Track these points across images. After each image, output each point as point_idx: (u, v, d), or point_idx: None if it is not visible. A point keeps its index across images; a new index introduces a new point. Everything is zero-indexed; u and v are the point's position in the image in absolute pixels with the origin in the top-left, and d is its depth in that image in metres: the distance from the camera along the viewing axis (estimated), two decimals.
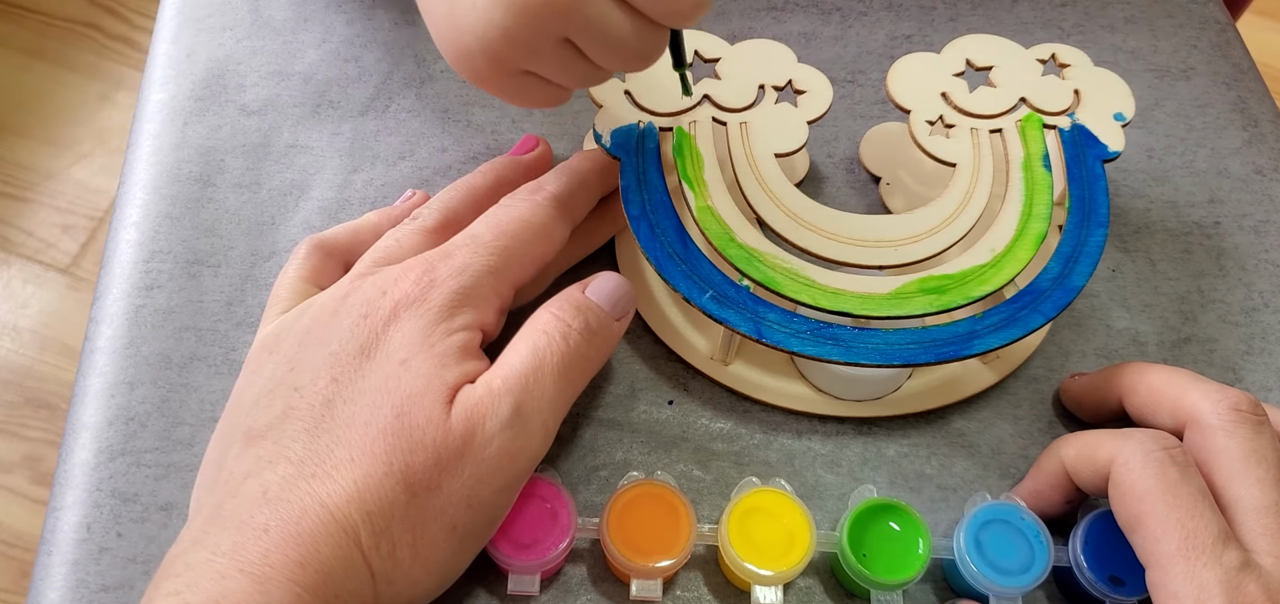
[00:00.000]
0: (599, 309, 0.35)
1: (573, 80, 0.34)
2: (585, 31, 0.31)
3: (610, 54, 0.32)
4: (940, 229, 0.39)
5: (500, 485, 0.31)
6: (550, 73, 0.33)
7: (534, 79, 0.33)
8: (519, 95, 0.34)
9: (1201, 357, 0.41)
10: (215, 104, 0.46)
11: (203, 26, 0.49)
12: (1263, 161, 0.47)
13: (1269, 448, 0.32)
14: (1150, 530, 0.31)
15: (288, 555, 0.28)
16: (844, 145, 0.47)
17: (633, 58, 0.33)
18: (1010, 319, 0.37)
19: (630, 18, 0.31)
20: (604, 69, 0.34)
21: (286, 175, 0.44)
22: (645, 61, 0.33)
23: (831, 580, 0.36)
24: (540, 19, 0.31)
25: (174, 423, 0.38)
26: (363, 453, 0.30)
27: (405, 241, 0.36)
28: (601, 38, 0.32)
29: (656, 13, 0.31)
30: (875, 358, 0.36)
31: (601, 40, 0.32)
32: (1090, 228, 0.38)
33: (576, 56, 0.33)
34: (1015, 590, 0.33)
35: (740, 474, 0.38)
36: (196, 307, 0.41)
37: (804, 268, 0.37)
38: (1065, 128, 0.41)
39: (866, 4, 0.52)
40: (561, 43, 0.32)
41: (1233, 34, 0.52)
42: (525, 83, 0.33)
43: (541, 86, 0.34)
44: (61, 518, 0.36)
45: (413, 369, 0.31)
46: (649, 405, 0.39)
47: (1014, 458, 0.39)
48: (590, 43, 0.32)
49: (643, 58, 0.33)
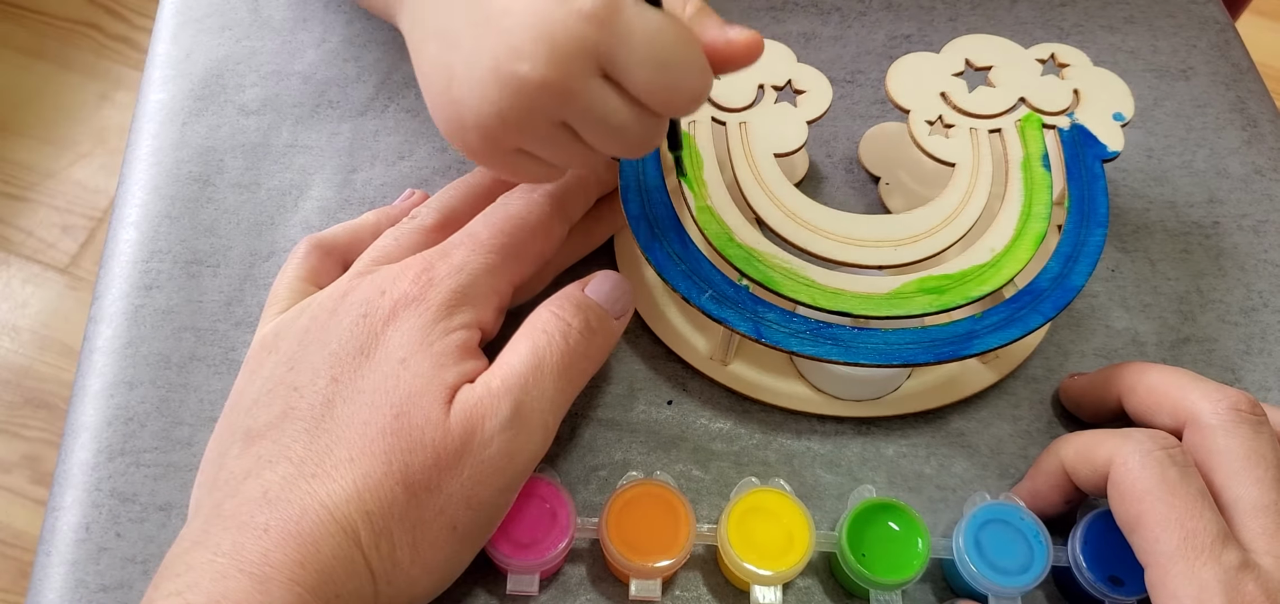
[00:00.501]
0: (599, 308, 0.35)
1: (568, 162, 0.33)
2: (583, 117, 0.31)
3: (607, 140, 0.32)
4: (939, 229, 0.39)
5: (500, 486, 0.31)
6: (545, 154, 0.32)
7: (528, 157, 0.33)
8: (512, 172, 0.34)
9: (1201, 356, 0.41)
10: (214, 104, 0.46)
11: (202, 26, 0.49)
12: (1262, 161, 0.47)
13: (1268, 448, 0.32)
14: (1149, 530, 0.31)
15: (288, 555, 0.28)
16: (843, 145, 0.47)
17: (630, 145, 0.32)
18: (1009, 319, 0.37)
19: (629, 106, 0.31)
20: (599, 154, 0.33)
21: (285, 175, 0.44)
22: (643, 149, 0.33)
23: (831, 580, 0.36)
24: (537, 102, 0.30)
25: (173, 423, 0.38)
26: (362, 453, 0.30)
27: (404, 241, 0.36)
28: (599, 125, 0.31)
29: (657, 104, 0.31)
30: (875, 358, 0.36)
31: (599, 127, 0.31)
32: (1089, 227, 0.38)
33: (572, 139, 0.32)
34: (1014, 590, 0.33)
35: (739, 474, 0.38)
36: (195, 306, 0.41)
37: (803, 268, 0.37)
38: (1064, 128, 0.41)
39: (866, 4, 0.52)
40: (558, 126, 0.31)
41: (1232, 34, 0.52)
42: (519, 161, 0.33)
43: (536, 165, 0.33)
44: (61, 518, 0.36)
45: (412, 369, 0.31)
46: (648, 405, 0.39)
47: (1013, 458, 0.39)
48: (587, 128, 0.31)
49: (641, 145, 0.32)
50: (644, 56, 0.30)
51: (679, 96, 0.31)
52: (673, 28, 0.30)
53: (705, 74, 0.31)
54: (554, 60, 0.29)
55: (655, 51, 0.30)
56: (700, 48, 0.31)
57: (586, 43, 0.29)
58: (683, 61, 0.30)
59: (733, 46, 0.32)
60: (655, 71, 0.30)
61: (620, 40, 0.29)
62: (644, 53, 0.30)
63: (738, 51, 0.32)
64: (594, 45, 0.29)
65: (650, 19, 0.30)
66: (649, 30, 0.29)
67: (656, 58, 0.30)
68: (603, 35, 0.29)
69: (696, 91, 0.31)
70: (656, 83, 0.30)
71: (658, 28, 0.30)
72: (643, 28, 0.29)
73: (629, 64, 0.30)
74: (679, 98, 0.31)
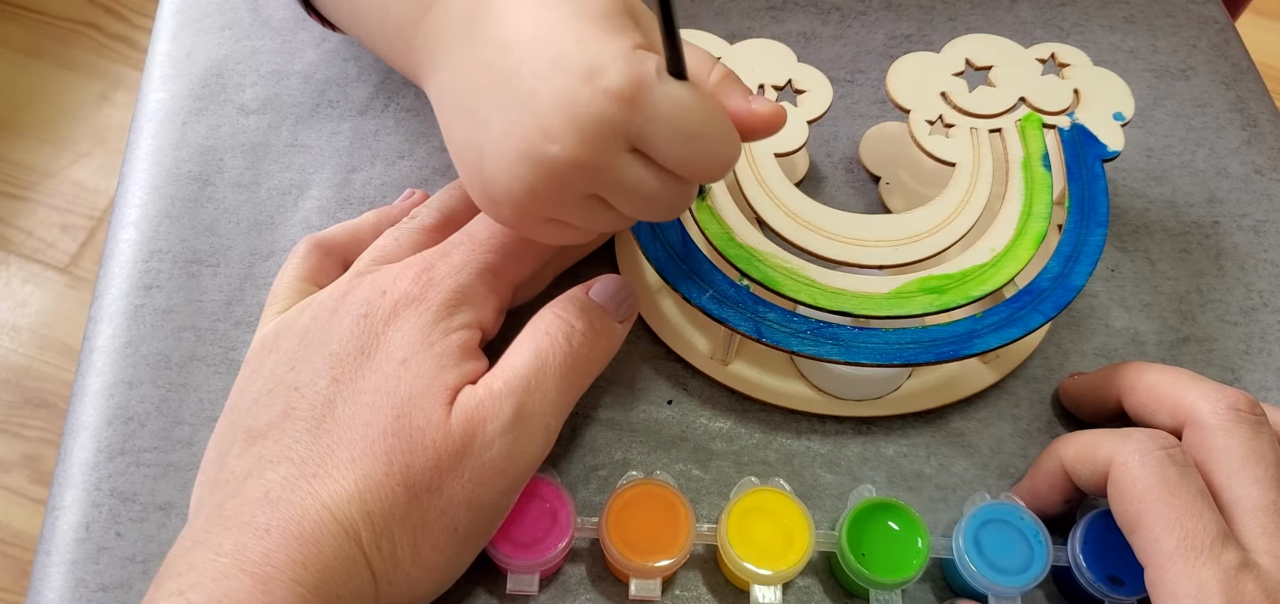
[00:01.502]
0: (602, 310, 0.35)
1: (599, 227, 0.33)
2: (613, 190, 0.31)
3: (638, 208, 0.32)
4: (940, 229, 0.39)
5: (500, 488, 0.31)
6: (577, 221, 0.32)
7: (559, 225, 0.33)
8: (544, 237, 0.34)
9: (1200, 356, 0.41)
10: (214, 103, 0.46)
11: (202, 26, 0.49)
12: (1262, 161, 0.47)
13: (1268, 448, 0.32)
14: (1149, 530, 0.31)
15: (290, 555, 0.28)
16: (843, 145, 0.47)
17: (661, 211, 0.32)
18: (1010, 319, 0.37)
19: (659, 176, 0.31)
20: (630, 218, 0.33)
21: (285, 175, 0.44)
22: (674, 214, 0.33)
23: (830, 580, 0.36)
24: (568, 180, 0.30)
25: (173, 422, 0.38)
26: (363, 453, 0.30)
27: (404, 240, 0.36)
28: (629, 196, 0.31)
29: (686, 173, 0.31)
30: (875, 358, 0.36)
31: (630, 198, 0.31)
32: (1090, 227, 0.38)
33: (603, 208, 0.32)
34: (1014, 590, 0.33)
35: (739, 474, 0.38)
36: (195, 306, 0.41)
37: (804, 267, 0.37)
38: (1065, 127, 0.41)
39: (866, 3, 0.52)
40: (588, 198, 0.31)
41: (1232, 34, 0.52)
42: (550, 228, 0.33)
43: (567, 231, 0.33)
44: (60, 517, 0.36)
45: (413, 369, 0.31)
46: (648, 405, 0.39)
47: (1013, 457, 0.39)
48: (618, 199, 0.31)
49: (671, 211, 0.32)
50: (672, 132, 0.29)
51: (708, 165, 0.31)
52: (699, 101, 0.30)
53: (733, 142, 0.31)
54: (584, 141, 0.29)
55: (683, 126, 0.29)
56: (727, 118, 0.31)
57: (615, 122, 0.29)
58: (710, 133, 0.30)
59: (755, 117, 0.32)
60: (683, 144, 0.30)
61: (648, 118, 0.29)
62: (672, 128, 0.29)
63: (759, 123, 0.32)
64: (623, 124, 0.29)
65: (677, 94, 0.29)
66: (676, 105, 0.29)
67: (684, 132, 0.30)
68: (631, 114, 0.29)
69: (725, 160, 0.31)
70: (685, 154, 0.30)
71: (685, 102, 0.29)
72: (669, 104, 0.29)
73: (657, 140, 0.30)
74: (707, 166, 0.31)
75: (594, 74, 0.29)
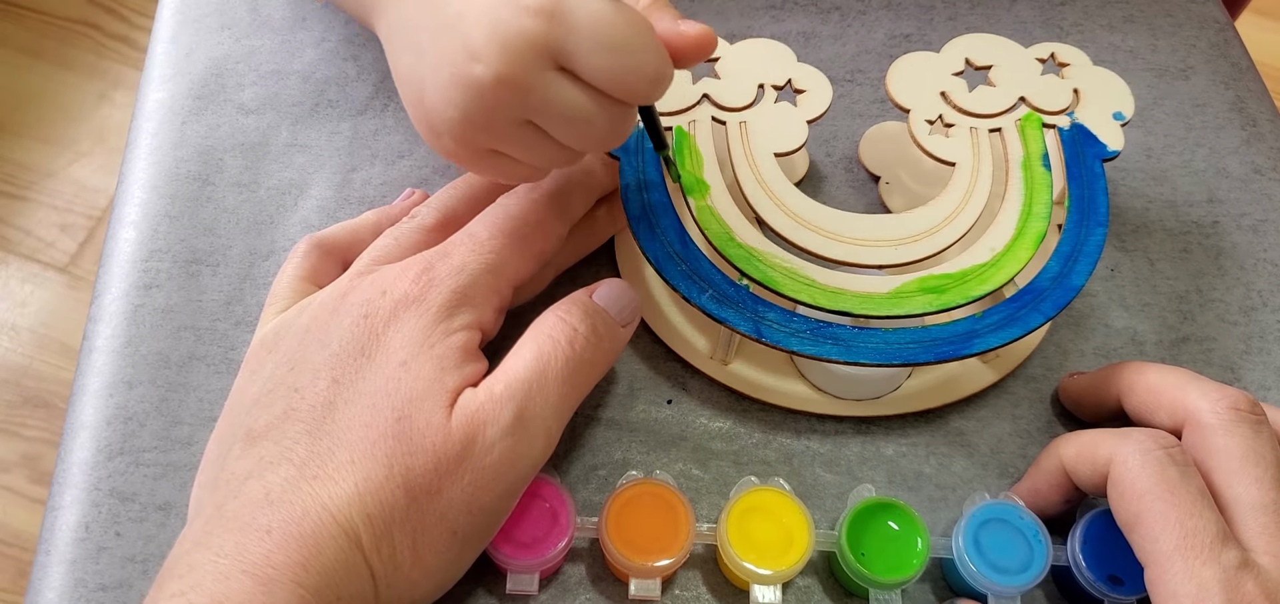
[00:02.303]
0: (606, 314, 0.34)
1: (542, 160, 0.33)
2: (544, 112, 0.31)
3: (573, 134, 0.32)
4: (940, 228, 0.39)
5: (500, 491, 0.31)
6: (517, 153, 0.33)
7: (506, 158, 0.33)
8: (494, 173, 0.34)
9: (1200, 356, 0.41)
10: (214, 103, 0.46)
11: (201, 26, 0.49)
12: (1261, 161, 0.47)
13: (1268, 447, 0.32)
14: (1149, 529, 0.31)
15: (291, 557, 0.28)
16: (843, 144, 0.47)
17: (598, 138, 0.32)
18: (1010, 318, 0.37)
19: (590, 97, 0.31)
20: (572, 150, 0.33)
21: (285, 174, 0.44)
22: (611, 141, 0.33)
23: (830, 580, 0.36)
24: (496, 100, 0.30)
25: (172, 422, 0.38)
26: (364, 455, 0.30)
27: (404, 240, 0.36)
28: (562, 119, 0.31)
29: (614, 89, 0.31)
30: (875, 357, 0.36)
31: (562, 121, 0.31)
32: (1090, 227, 0.38)
33: (541, 137, 0.32)
34: (1014, 590, 0.33)
35: (739, 473, 0.38)
36: (195, 306, 0.41)
37: (804, 267, 0.37)
38: (1064, 127, 0.41)
39: (865, 3, 0.52)
40: (523, 124, 0.32)
41: (1231, 33, 0.52)
42: (498, 162, 0.33)
43: (514, 165, 0.33)
44: (60, 517, 0.36)
45: (413, 371, 0.31)
46: (648, 405, 0.39)
47: (1013, 457, 0.39)
48: (551, 123, 0.32)
49: (609, 138, 0.32)
50: (594, 43, 0.30)
51: (635, 79, 0.31)
52: (620, 12, 0.30)
53: (659, 55, 0.31)
54: (507, 58, 0.30)
55: (604, 37, 0.30)
56: (652, 31, 0.31)
57: (536, 36, 0.30)
58: (634, 45, 0.31)
59: (684, 39, 0.32)
60: (606, 56, 0.30)
61: (568, 29, 0.30)
62: (593, 39, 0.30)
63: (688, 44, 0.32)
64: (544, 37, 0.30)
65: (596, 6, 0.30)
66: (596, 16, 0.30)
67: (606, 42, 0.30)
68: (551, 27, 0.30)
69: (653, 74, 0.31)
70: (610, 68, 0.30)
71: (605, 13, 0.30)
72: (589, 14, 0.30)
73: (580, 52, 0.30)
74: (635, 80, 0.31)
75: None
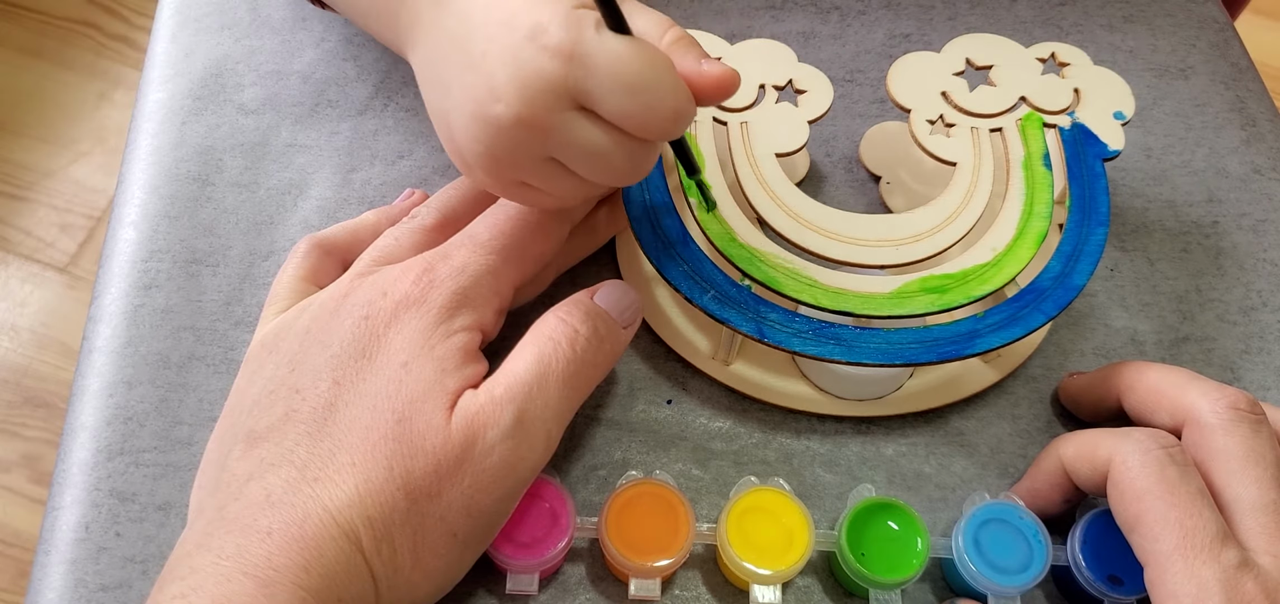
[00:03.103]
0: (608, 316, 0.34)
1: (567, 193, 0.33)
2: (565, 150, 0.31)
3: (595, 170, 0.32)
4: (941, 228, 0.39)
5: (500, 494, 0.31)
6: (542, 186, 0.33)
7: (530, 189, 0.33)
8: (525, 200, 0.34)
9: (1200, 356, 0.41)
10: (213, 103, 0.46)
11: (201, 26, 0.49)
12: (1261, 161, 0.47)
13: (1267, 447, 0.32)
14: (1149, 529, 0.31)
15: (292, 559, 0.28)
16: (843, 144, 0.47)
17: (620, 173, 0.32)
18: (1012, 318, 0.37)
19: (611, 135, 0.31)
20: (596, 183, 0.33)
21: (285, 174, 0.44)
22: (635, 176, 0.33)
23: (830, 580, 0.36)
24: (516, 139, 0.30)
25: (172, 422, 0.38)
26: (364, 457, 0.30)
27: (404, 241, 0.36)
28: (584, 156, 0.31)
29: (633, 128, 0.31)
30: (877, 357, 0.36)
31: (583, 158, 0.31)
32: (1091, 226, 0.38)
33: (564, 172, 0.32)
34: (1014, 590, 0.33)
35: (739, 473, 0.38)
36: (195, 306, 0.41)
37: (805, 267, 0.37)
38: (1065, 127, 0.41)
39: (865, 3, 0.52)
40: (546, 161, 0.32)
41: (1231, 33, 0.52)
42: (528, 192, 0.33)
43: (538, 195, 0.33)
44: (60, 517, 0.36)
45: (413, 373, 0.31)
46: (648, 405, 0.39)
47: (1012, 457, 0.39)
48: (573, 160, 0.31)
49: (632, 173, 0.32)
50: (613, 84, 0.30)
51: (654, 118, 0.31)
52: (641, 52, 0.30)
53: (680, 95, 0.31)
54: (526, 98, 0.30)
55: (624, 78, 0.30)
56: (672, 70, 0.31)
57: (554, 78, 0.30)
58: (653, 84, 0.30)
59: (706, 79, 0.32)
60: (626, 97, 0.30)
61: (588, 71, 0.30)
62: (612, 80, 0.30)
63: (710, 84, 0.32)
64: (563, 79, 0.30)
65: (615, 46, 0.30)
66: (615, 57, 0.30)
67: (626, 84, 0.30)
68: (570, 69, 0.29)
69: (673, 113, 0.31)
70: (629, 108, 0.30)
71: (624, 54, 0.30)
72: (608, 55, 0.30)
73: (599, 93, 0.30)
74: (654, 120, 0.31)
75: (536, 33, 0.29)
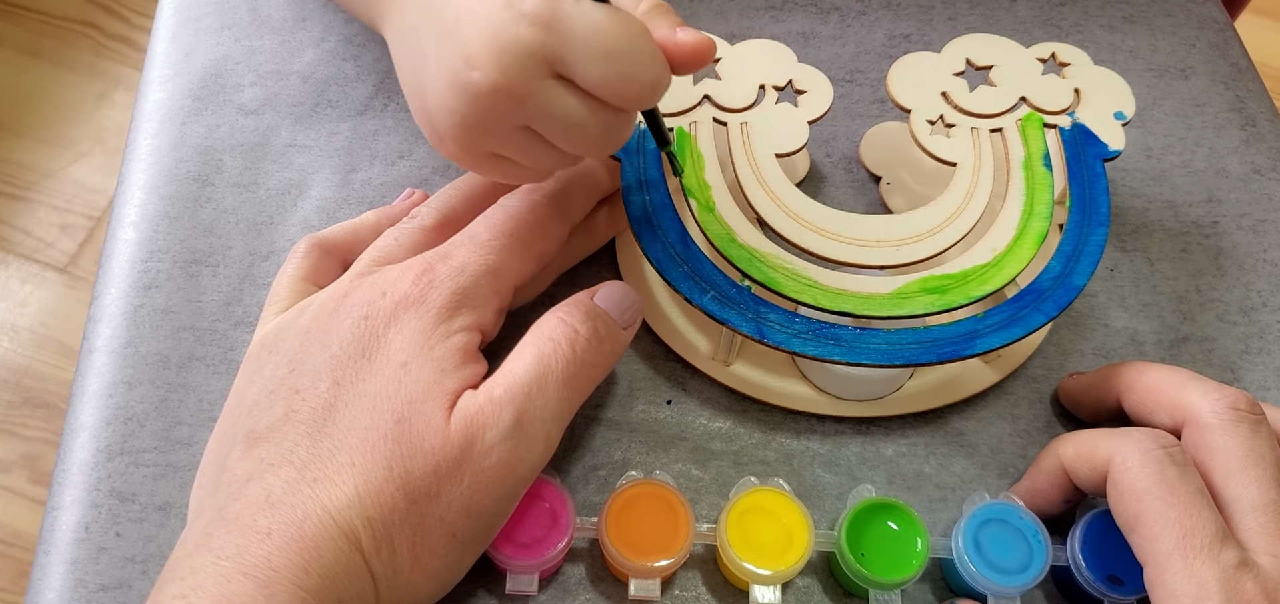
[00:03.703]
0: (608, 316, 0.34)
1: (541, 164, 0.33)
2: (541, 120, 0.31)
3: (570, 139, 0.32)
4: (941, 228, 0.39)
5: (499, 495, 0.31)
6: (517, 156, 0.33)
7: (506, 161, 0.33)
8: (496, 174, 0.34)
9: (1200, 356, 0.41)
10: (213, 103, 0.46)
11: (201, 26, 0.49)
12: (1261, 161, 0.47)
13: (1267, 447, 0.32)
14: (1148, 529, 0.31)
15: (291, 559, 0.28)
16: (843, 145, 0.47)
17: (595, 144, 0.32)
18: (1012, 318, 0.37)
19: (587, 104, 0.31)
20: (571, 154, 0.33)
21: (285, 175, 0.44)
22: (610, 147, 0.33)
23: (830, 580, 0.36)
24: (492, 107, 0.30)
25: (172, 422, 0.38)
26: (364, 458, 0.30)
27: (404, 240, 0.36)
28: (559, 125, 0.31)
29: (609, 96, 0.31)
30: (877, 358, 0.36)
31: (558, 127, 0.31)
32: (1091, 226, 0.38)
33: (540, 142, 0.32)
34: (1013, 590, 0.33)
35: (738, 473, 0.38)
36: (195, 306, 0.41)
37: (805, 268, 0.37)
38: (1066, 127, 0.41)
39: (865, 3, 0.52)
40: (522, 130, 0.32)
41: (1231, 33, 0.52)
42: (498, 164, 0.33)
43: (514, 167, 0.33)
44: (60, 517, 0.36)
45: (413, 373, 0.31)
46: (647, 405, 0.39)
47: (1012, 457, 0.39)
48: (548, 129, 0.32)
49: (606, 144, 0.32)
50: (589, 51, 0.30)
51: (631, 87, 0.31)
52: (617, 20, 0.30)
53: (656, 63, 0.31)
54: (503, 66, 0.30)
55: (600, 45, 0.30)
56: (650, 38, 0.31)
57: (531, 45, 0.30)
58: (630, 52, 0.30)
59: (682, 47, 0.32)
60: (603, 64, 0.30)
61: (565, 39, 0.30)
62: (589, 47, 0.30)
63: (686, 52, 0.32)
64: (540, 46, 0.30)
65: (592, 13, 0.30)
66: (592, 24, 0.30)
67: (602, 51, 0.30)
68: (548, 36, 0.30)
69: (649, 82, 0.31)
70: (606, 75, 0.30)
71: (601, 21, 0.30)
72: (585, 23, 0.30)
73: (576, 60, 0.30)
74: (631, 88, 0.31)
75: (513, 1, 0.29)
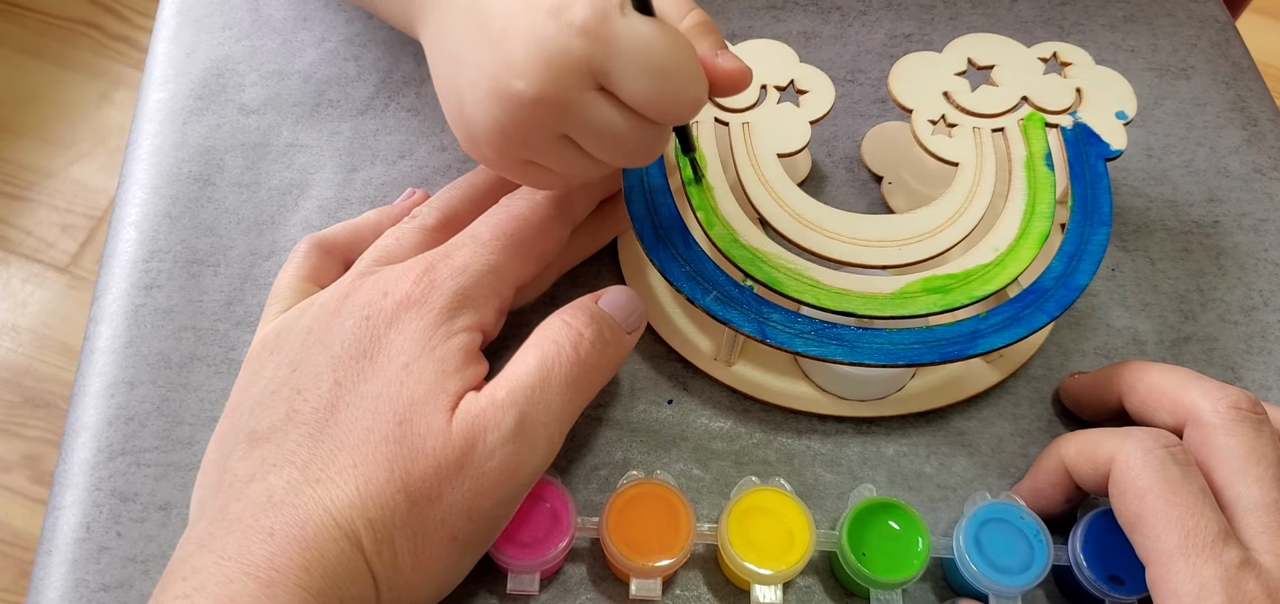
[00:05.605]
0: (612, 320, 0.34)
1: (575, 172, 0.33)
2: (582, 129, 0.31)
3: (608, 150, 0.32)
4: (943, 228, 0.39)
5: (500, 498, 0.31)
6: (552, 164, 0.33)
7: (540, 168, 0.33)
8: (528, 181, 0.34)
9: (1201, 355, 0.41)
10: (215, 103, 0.46)
11: (202, 26, 0.49)
12: (1262, 160, 0.47)
13: (1269, 446, 0.32)
14: (1150, 528, 0.31)
15: (293, 559, 0.28)
16: (844, 144, 0.46)
17: (633, 155, 0.32)
18: (1014, 318, 0.37)
19: (627, 117, 0.31)
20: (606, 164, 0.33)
21: (286, 174, 0.44)
22: (646, 158, 0.33)
23: (831, 579, 0.36)
24: (535, 117, 0.30)
25: (173, 422, 0.38)
26: (365, 459, 0.30)
27: (405, 240, 0.36)
28: (599, 136, 0.31)
29: (652, 112, 0.31)
30: (879, 358, 0.36)
31: (598, 138, 0.31)
32: (1093, 226, 0.38)
33: (576, 151, 0.32)
34: (1015, 589, 0.33)
35: (740, 473, 0.38)
36: (196, 306, 0.41)
37: (807, 268, 0.37)
38: (1067, 126, 0.41)
39: (866, 3, 0.52)
40: (560, 139, 0.32)
41: (1232, 33, 0.52)
42: (531, 171, 0.33)
43: (548, 175, 0.33)
44: (61, 517, 0.36)
45: (414, 374, 0.31)
46: (649, 404, 0.39)
47: (1013, 457, 0.39)
48: (588, 140, 0.32)
49: (643, 155, 0.32)
50: (636, 67, 0.30)
51: (674, 104, 0.31)
52: (665, 36, 0.30)
53: (699, 82, 0.31)
54: (548, 76, 0.30)
55: (647, 61, 0.30)
56: (695, 56, 0.31)
57: (578, 56, 0.29)
58: (675, 69, 0.30)
59: (720, 71, 0.32)
60: (648, 81, 0.30)
61: (612, 52, 0.30)
62: (636, 63, 0.30)
63: (724, 76, 0.33)
64: (587, 58, 0.30)
65: (641, 29, 0.30)
66: (640, 40, 0.30)
67: (649, 67, 0.30)
68: (595, 48, 0.29)
69: (691, 99, 0.31)
70: (650, 92, 0.30)
71: (649, 37, 0.30)
72: (633, 38, 0.30)
73: (622, 75, 0.30)
74: (674, 105, 0.31)
75: (560, 10, 0.29)
